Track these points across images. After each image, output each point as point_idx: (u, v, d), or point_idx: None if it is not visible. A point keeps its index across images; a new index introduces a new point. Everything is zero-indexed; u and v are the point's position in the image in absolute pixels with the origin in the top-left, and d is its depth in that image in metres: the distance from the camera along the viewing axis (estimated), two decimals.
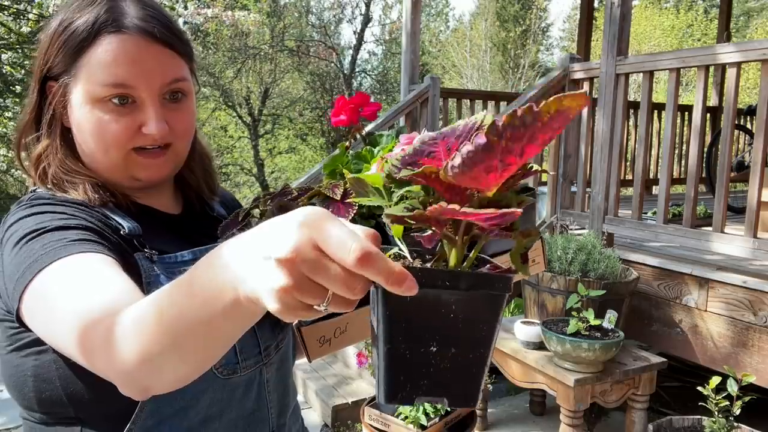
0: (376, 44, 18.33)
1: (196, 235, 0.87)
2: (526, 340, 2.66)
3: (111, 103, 0.75)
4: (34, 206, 0.75)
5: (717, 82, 5.97)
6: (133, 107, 0.77)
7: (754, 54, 2.54)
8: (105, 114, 0.76)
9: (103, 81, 0.75)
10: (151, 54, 0.76)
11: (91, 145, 0.78)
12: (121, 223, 0.77)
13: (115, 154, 0.78)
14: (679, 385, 3.62)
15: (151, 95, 0.77)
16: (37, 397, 0.73)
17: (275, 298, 0.42)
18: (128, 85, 0.75)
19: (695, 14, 18.81)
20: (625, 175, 5.08)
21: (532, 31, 20.51)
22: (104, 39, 0.75)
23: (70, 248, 0.67)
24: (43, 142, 0.80)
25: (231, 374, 0.80)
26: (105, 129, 0.76)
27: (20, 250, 0.69)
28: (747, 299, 2.53)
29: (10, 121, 6.40)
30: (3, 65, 5.50)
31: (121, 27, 0.75)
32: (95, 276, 0.64)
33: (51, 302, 0.64)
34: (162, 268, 0.77)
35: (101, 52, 0.75)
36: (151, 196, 0.86)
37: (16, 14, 4.82)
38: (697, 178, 2.88)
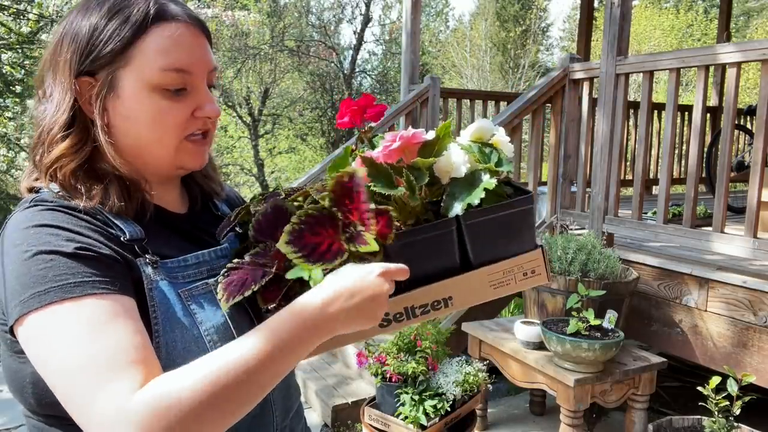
0: (376, 44, 18.32)
1: (201, 235, 0.88)
2: (526, 340, 2.66)
3: (167, 91, 0.77)
4: (46, 210, 0.74)
5: (717, 82, 5.97)
6: (186, 95, 0.79)
7: (754, 54, 2.54)
8: (163, 100, 0.77)
9: (163, 66, 0.76)
10: (200, 42, 0.81)
11: (145, 134, 0.79)
12: (123, 229, 0.77)
13: (170, 141, 0.80)
14: (679, 385, 3.62)
15: (203, 80, 0.81)
16: (37, 401, 0.74)
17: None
18: (187, 70, 0.78)
19: (695, 14, 18.80)
20: (625, 175, 5.08)
21: (532, 31, 20.51)
22: (159, 27, 0.77)
23: (83, 287, 0.68)
24: (68, 140, 0.78)
25: None
26: (165, 115, 0.78)
27: (31, 267, 0.68)
28: (747, 299, 2.53)
29: (10, 121, 6.40)
30: (3, 65, 5.50)
31: (176, 16, 0.78)
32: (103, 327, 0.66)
33: (56, 345, 0.65)
34: (164, 272, 0.77)
35: (158, 38, 0.77)
36: (162, 195, 0.86)
37: (16, 14, 4.82)
38: (697, 178, 2.88)
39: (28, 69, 6.69)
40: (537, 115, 3.80)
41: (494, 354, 2.87)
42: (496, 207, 0.76)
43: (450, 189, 0.76)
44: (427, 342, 2.63)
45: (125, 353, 0.65)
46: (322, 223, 0.71)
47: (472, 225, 0.76)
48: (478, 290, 0.78)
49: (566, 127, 3.69)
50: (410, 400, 2.51)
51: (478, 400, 2.82)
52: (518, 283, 0.80)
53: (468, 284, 0.77)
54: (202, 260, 0.82)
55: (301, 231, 0.70)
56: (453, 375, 2.63)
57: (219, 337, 0.77)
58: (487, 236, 0.77)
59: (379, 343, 2.73)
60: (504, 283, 0.79)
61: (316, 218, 0.71)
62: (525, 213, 0.78)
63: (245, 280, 0.71)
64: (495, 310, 3.51)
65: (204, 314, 0.77)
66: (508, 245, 0.78)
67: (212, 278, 0.81)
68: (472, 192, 0.74)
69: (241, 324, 0.80)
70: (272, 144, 16.91)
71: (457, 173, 0.76)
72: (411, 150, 0.78)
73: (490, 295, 0.79)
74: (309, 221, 0.71)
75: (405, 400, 2.52)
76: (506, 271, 0.78)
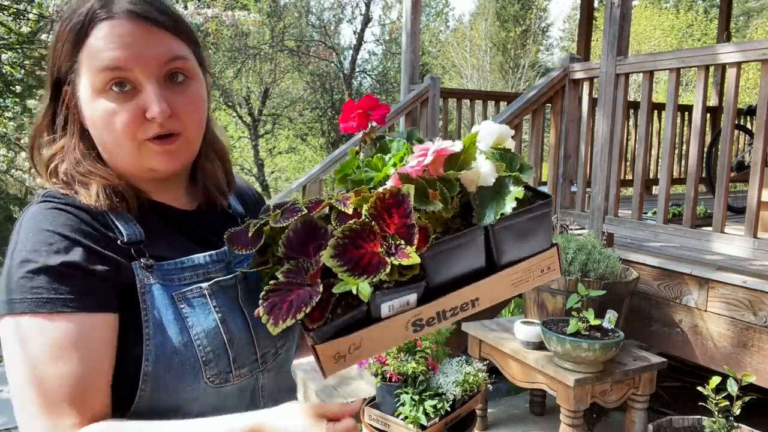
0: (376, 44, 18.33)
1: (206, 234, 0.87)
2: (526, 340, 2.66)
3: (112, 91, 0.76)
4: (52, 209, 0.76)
5: (717, 82, 5.97)
6: (134, 93, 0.76)
7: (754, 54, 2.54)
8: (109, 103, 0.76)
9: (99, 67, 0.75)
10: (143, 35, 0.76)
11: (105, 140, 0.79)
12: (122, 230, 0.78)
13: (128, 144, 0.78)
14: (679, 385, 3.62)
15: (148, 76, 0.76)
16: None
17: None
18: (123, 68, 0.75)
19: (695, 14, 18.80)
20: (625, 175, 5.08)
21: (532, 31, 20.50)
22: (96, 29, 0.76)
23: (54, 304, 0.71)
24: (59, 142, 0.81)
25: (223, 383, 0.80)
26: (112, 119, 0.76)
27: (16, 272, 0.72)
28: (747, 299, 2.53)
29: (10, 121, 6.40)
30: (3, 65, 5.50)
31: (111, 13, 0.76)
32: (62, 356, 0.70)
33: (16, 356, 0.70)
34: (159, 275, 0.78)
35: (94, 40, 0.76)
36: (166, 191, 0.86)
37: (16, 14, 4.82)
38: (697, 178, 2.88)
39: (28, 69, 6.69)
40: (537, 115, 3.80)
41: (494, 354, 2.87)
42: (521, 212, 0.79)
43: (479, 198, 0.78)
44: (427, 342, 2.63)
45: (72, 389, 0.69)
46: (363, 237, 0.72)
47: (500, 230, 0.79)
48: (501, 289, 0.82)
49: (566, 127, 3.69)
50: (410, 400, 2.51)
51: (478, 400, 2.82)
52: (535, 279, 0.84)
53: (493, 285, 0.81)
54: (198, 263, 0.82)
55: (344, 245, 0.71)
56: (453, 375, 2.63)
57: (209, 341, 0.78)
58: (512, 239, 0.80)
59: None
60: (524, 280, 0.83)
61: (357, 232, 0.72)
62: (545, 215, 0.82)
63: (291, 301, 0.71)
64: (495, 310, 3.51)
65: (195, 318, 0.78)
66: (529, 246, 0.82)
67: (207, 282, 0.81)
68: (502, 201, 0.77)
69: (232, 328, 0.81)
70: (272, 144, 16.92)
71: (485, 183, 0.78)
72: (438, 161, 0.79)
73: (511, 293, 0.83)
74: (351, 235, 0.72)
75: (405, 400, 2.52)
76: (526, 270, 0.83)
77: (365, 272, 0.70)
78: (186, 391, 0.77)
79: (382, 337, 0.75)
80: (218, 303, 0.81)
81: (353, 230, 0.72)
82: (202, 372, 0.77)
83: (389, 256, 0.70)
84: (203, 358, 0.77)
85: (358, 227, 0.72)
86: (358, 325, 0.72)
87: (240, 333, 0.82)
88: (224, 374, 0.79)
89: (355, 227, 0.72)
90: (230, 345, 0.80)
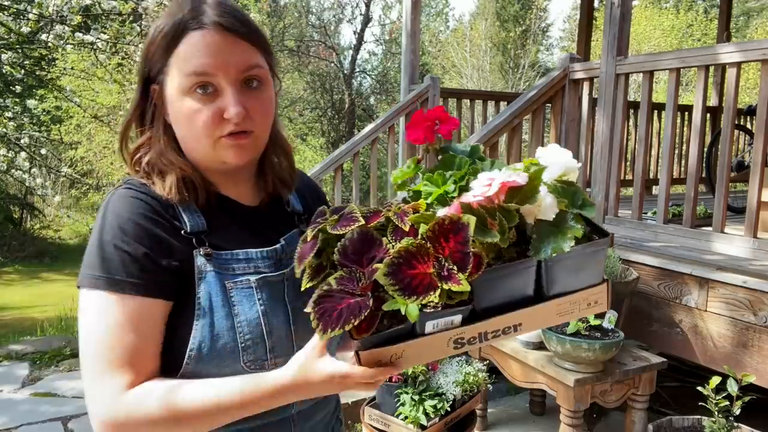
0: (376, 44, 18.34)
1: (265, 230, 0.97)
2: (526, 340, 2.66)
3: (196, 93, 0.86)
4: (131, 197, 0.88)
5: (717, 82, 5.96)
6: (215, 95, 0.87)
7: (754, 54, 2.54)
8: (194, 103, 0.86)
9: (187, 72, 0.86)
10: (227, 45, 0.87)
11: (186, 134, 0.90)
12: (187, 221, 0.89)
13: (205, 140, 0.88)
14: (678, 385, 3.62)
15: (228, 81, 0.87)
16: None
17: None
18: (208, 73, 0.86)
19: (695, 14, 18.80)
20: (625, 175, 5.08)
21: (532, 31, 20.51)
22: (187, 36, 0.86)
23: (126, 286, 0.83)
24: (145, 135, 0.93)
25: (259, 369, 0.88)
26: (195, 117, 0.87)
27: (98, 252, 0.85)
28: (747, 299, 2.53)
29: (10, 121, 6.39)
30: (3, 65, 5.49)
31: (202, 24, 0.86)
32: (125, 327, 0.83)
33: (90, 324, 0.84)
34: (215, 264, 0.88)
35: (186, 47, 0.86)
36: (233, 186, 0.96)
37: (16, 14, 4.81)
38: (697, 178, 2.88)
39: (28, 69, 6.69)
40: (537, 115, 3.79)
41: (494, 354, 2.87)
42: (578, 248, 0.79)
43: (537, 231, 0.79)
44: None
45: (133, 356, 0.83)
46: (417, 258, 0.73)
47: (554, 264, 0.80)
48: (545, 318, 0.83)
49: (566, 127, 3.69)
50: (410, 400, 2.51)
51: (478, 400, 2.82)
52: (581, 311, 0.85)
53: (538, 313, 0.82)
54: (250, 257, 0.92)
55: (399, 264, 0.73)
56: (453, 375, 2.63)
57: (249, 330, 0.88)
58: (565, 273, 0.82)
59: None
60: (569, 312, 0.84)
61: (412, 253, 0.73)
62: (601, 252, 0.83)
63: (341, 310, 0.73)
64: None
65: (241, 307, 0.88)
66: (580, 280, 0.83)
67: (255, 275, 0.91)
68: (561, 238, 0.78)
69: (272, 320, 0.90)
70: None
71: (545, 216, 0.78)
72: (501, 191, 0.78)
73: (554, 322, 0.84)
74: (406, 256, 0.73)
75: (405, 400, 2.52)
76: (573, 302, 0.83)
77: (415, 293, 0.71)
78: (224, 372, 0.86)
79: (423, 351, 0.77)
80: (263, 296, 0.90)
81: (409, 251, 0.73)
82: (241, 356, 0.87)
83: (441, 279, 0.72)
84: (242, 344, 0.87)
85: (414, 249, 0.73)
86: (402, 338, 0.75)
87: (280, 326, 0.91)
88: (260, 361, 0.88)
89: (411, 248, 0.73)
90: (269, 336, 0.89)
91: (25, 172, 6.19)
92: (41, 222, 13.79)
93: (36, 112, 9.20)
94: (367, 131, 4.12)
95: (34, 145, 9.10)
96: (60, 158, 12.11)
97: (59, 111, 10.79)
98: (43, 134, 10.20)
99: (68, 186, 14.33)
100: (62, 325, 5.40)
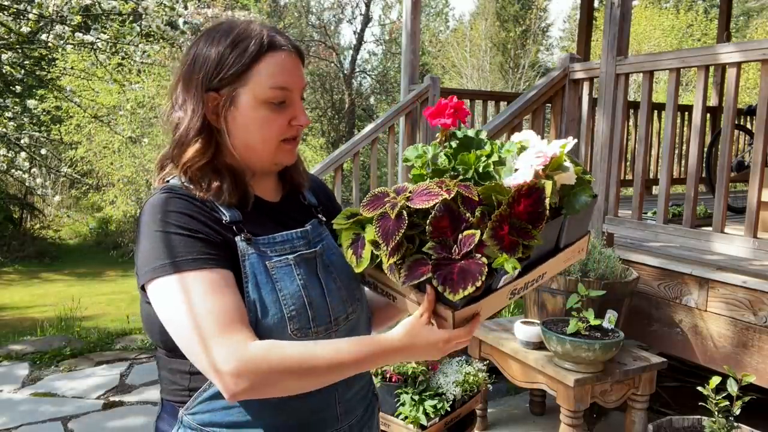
0: (376, 44, 18.34)
1: (288, 221, 1.08)
2: (526, 340, 2.66)
3: (272, 104, 1.00)
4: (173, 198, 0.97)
5: (717, 82, 5.96)
6: (285, 107, 1.02)
7: (754, 54, 2.54)
8: (269, 113, 1.00)
9: (272, 85, 0.99)
10: (298, 67, 1.04)
11: (254, 138, 1.01)
12: (225, 213, 0.99)
13: (272, 143, 1.02)
14: (678, 385, 3.62)
15: (297, 96, 1.03)
16: (163, 341, 0.98)
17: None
18: (288, 88, 1.01)
19: (695, 14, 18.78)
20: (625, 175, 5.08)
21: (532, 31, 20.50)
22: (269, 55, 0.99)
23: (198, 262, 0.92)
24: (199, 143, 1.00)
25: (304, 337, 0.97)
26: (271, 123, 1.00)
27: (160, 243, 0.92)
28: (747, 299, 2.53)
29: (10, 121, 6.39)
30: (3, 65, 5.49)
31: (282, 46, 1.01)
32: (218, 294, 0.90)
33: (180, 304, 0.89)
34: (256, 247, 0.98)
35: (269, 65, 0.99)
36: (261, 185, 1.08)
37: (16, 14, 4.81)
38: (697, 178, 2.87)
39: (28, 69, 6.68)
40: (537, 115, 3.79)
41: (494, 354, 2.87)
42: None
43: (566, 192, 0.97)
44: None
45: (238, 313, 0.90)
46: (505, 221, 0.86)
47: (569, 219, 0.96)
48: (558, 265, 0.99)
49: (566, 127, 3.69)
50: (410, 400, 2.51)
51: (478, 400, 2.82)
52: (575, 257, 1.03)
53: (556, 262, 0.98)
54: (286, 239, 1.03)
55: (495, 228, 0.86)
56: (453, 375, 2.63)
57: (293, 302, 0.98)
58: (573, 225, 0.99)
59: None
60: (570, 259, 1.01)
61: (504, 217, 0.86)
62: (592, 208, 1.01)
63: (459, 273, 0.85)
64: None
65: (283, 283, 0.98)
66: (579, 231, 1.02)
67: (292, 254, 1.02)
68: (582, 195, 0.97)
69: (311, 292, 1.00)
70: None
71: (569, 182, 0.97)
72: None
73: (561, 268, 1.02)
74: (500, 219, 0.86)
75: (405, 400, 2.52)
76: (573, 250, 1.01)
77: (506, 251, 0.85)
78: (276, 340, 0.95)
79: (493, 304, 0.90)
80: (301, 272, 1.01)
81: (502, 215, 0.86)
82: (288, 326, 0.96)
83: (519, 236, 0.86)
84: (288, 315, 0.96)
85: (505, 213, 0.86)
86: (483, 294, 0.88)
87: (317, 297, 1.01)
88: (305, 329, 0.98)
89: (504, 213, 0.86)
90: (310, 306, 0.99)
91: (25, 172, 6.19)
92: (41, 222, 13.79)
93: (36, 112, 9.19)
94: (367, 131, 4.12)
95: (34, 145, 9.09)
96: (60, 158, 12.09)
97: (59, 111, 10.79)
98: (43, 134, 10.19)
99: (68, 186, 14.33)
100: (62, 325, 5.39)
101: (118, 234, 12.99)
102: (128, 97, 10.58)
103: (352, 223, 0.98)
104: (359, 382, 1.11)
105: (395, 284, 0.93)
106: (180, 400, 1.01)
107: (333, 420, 1.04)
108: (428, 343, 0.92)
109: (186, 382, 1.00)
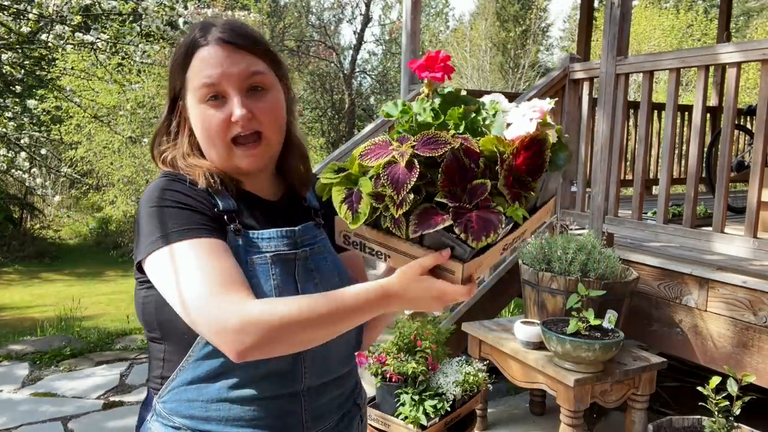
0: (376, 44, 18.34)
1: (280, 220, 1.07)
2: (526, 340, 2.66)
3: (209, 102, 0.99)
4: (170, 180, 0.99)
5: (717, 82, 5.96)
6: (224, 102, 0.99)
7: (754, 54, 2.54)
8: (207, 110, 0.99)
9: (198, 84, 0.99)
10: (229, 56, 0.99)
11: (204, 139, 1.01)
12: (218, 202, 1.00)
13: (219, 144, 1.00)
14: (678, 385, 3.62)
15: (233, 89, 0.99)
16: (157, 320, 0.99)
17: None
18: (215, 83, 0.98)
19: (695, 14, 18.77)
20: (625, 175, 5.08)
21: (532, 31, 20.50)
22: (197, 53, 1.00)
23: (196, 231, 0.93)
24: (171, 141, 1.06)
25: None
26: (208, 122, 0.99)
27: (156, 217, 0.93)
28: (747, 299, 2.53)
29: (10, 121, 6.38)
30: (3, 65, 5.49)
31: (206, 41, 1.00)
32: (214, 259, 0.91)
33: (181, 269, 0.89)
34: (245, 241, 0.98)
35: (195, 62, 1.00)
36: (254, 183, 1.07)
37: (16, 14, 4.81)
38: (697, 178, 2.87)
39: (28, 69, 6.68)
40: None
41: (494, 354, 2.87)
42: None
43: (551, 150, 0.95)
44: (427, 342, 2.63)
45: (236, 275, 0.90)
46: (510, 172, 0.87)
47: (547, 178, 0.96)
48: (533, 225, 0.99)
49: (566, 127, 3.69)
50: (410, 400, 2.51)
51: (478, 400, 2.82)
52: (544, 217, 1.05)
53: (533, 220, 0.97)
54: (271, 237, 1.02)
55: (507, 177, 0.86)
56: (453, 375, 2.63)
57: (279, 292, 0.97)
58: (550, 184, 1.00)
59: (379, 343, 2.73)
60: (542, 218, 1.01)
61: (512, 167, 0.87)
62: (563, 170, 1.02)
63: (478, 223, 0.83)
64: (495, 310, 3.51)
65: (257, 280, 0.97)
66: (551, 192, 1.02)
67: (271, 252, 1.00)
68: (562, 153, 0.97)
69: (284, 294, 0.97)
70: None
71: (553, 139, 0.97)
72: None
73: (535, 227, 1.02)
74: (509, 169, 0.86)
75: (405, 400, 2.52)
76: (544, 210, 1.00)
77: (515, 200, 0.86)
78: None
79: (490, 258, 0.90)
80: (276, 272, 0.99)
81: (511, 166, 0.86)
82: None
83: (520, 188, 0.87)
84: None
85: (513, 164, 0.86)
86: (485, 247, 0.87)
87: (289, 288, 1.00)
88: None
89: (512, 164, 0.86)
90: None
91: (25, 172, 6.18)
92: (41, 222, 13.78)
93: (36, 112, 9.19)
94: (367, 131, 4.12)
95: (34, 145, 9.08)
96: (60, 158, 12.08)
97: (59, 111, 10.77)
98: (43, 134, 10.18)
99: (68, 186, 14.32)
100: (62, 325, 5.40)
101: (118, 234, 12.98)
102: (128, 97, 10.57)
103: (343, 177, 0.91)
104: (335, 390, 1.07)
105: (391, 240, 0.88)
106: (155, 387, 1.03)
107: (297, 426, 1.01)
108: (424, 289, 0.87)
109: (160, 370, 1.01)
